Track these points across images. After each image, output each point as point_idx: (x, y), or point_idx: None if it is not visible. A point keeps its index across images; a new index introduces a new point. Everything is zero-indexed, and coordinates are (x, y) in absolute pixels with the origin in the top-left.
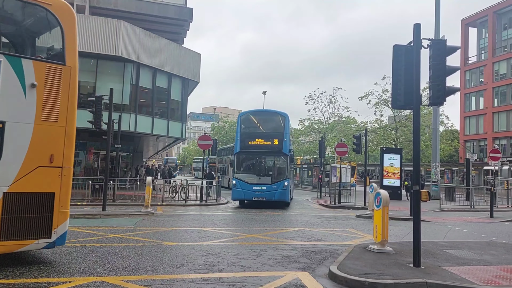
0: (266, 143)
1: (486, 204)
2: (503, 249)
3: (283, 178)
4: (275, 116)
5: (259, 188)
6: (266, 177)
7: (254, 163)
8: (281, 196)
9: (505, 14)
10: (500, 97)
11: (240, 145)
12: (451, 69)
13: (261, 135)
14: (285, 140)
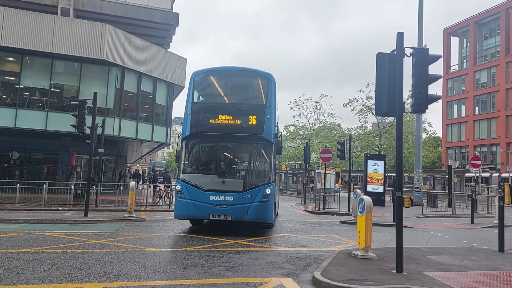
0: (236, 122)
1: (467, 211)
2: (483, 254)
3: (263, 182)
4: (253, 78)
5: (221, 198)
6: (234, 180)
7: (215, 157)
8: (259, 212)
9: (486, 24)
10: (481, 105)
11: (192, 124)
12: (433, 77)
13: (227, 109)
14: (267, 119)
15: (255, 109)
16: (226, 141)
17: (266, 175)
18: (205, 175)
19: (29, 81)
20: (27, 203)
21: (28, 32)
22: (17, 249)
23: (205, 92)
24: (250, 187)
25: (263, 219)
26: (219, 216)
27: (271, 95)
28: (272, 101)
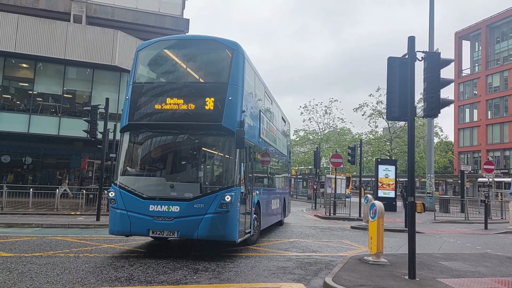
0: (189, 107)
1: (481, 216)
2: (497, 261)
3: (222, 187)
4: (214, 49)
5: (163, 209)
6: (183, 184)
7: (160, 154)
8: (215, 227)
9: (498, 28)
10: (493, 109)
11: (131, 112)
12: (445, 82)
13: (178, 90)
14: (229, 102)
15: (214, 89)
16: (176, 133)
17: (228, 176)
18: (146, 178)
19: (42, 87)
20: (39, 207)
21: (41, 39)
22: (30, 253)
23: (152, 70)
24: (204, 193)
25: (221, 236)
26: (161, 232)
27: (236, 70)
28: (238, 78)
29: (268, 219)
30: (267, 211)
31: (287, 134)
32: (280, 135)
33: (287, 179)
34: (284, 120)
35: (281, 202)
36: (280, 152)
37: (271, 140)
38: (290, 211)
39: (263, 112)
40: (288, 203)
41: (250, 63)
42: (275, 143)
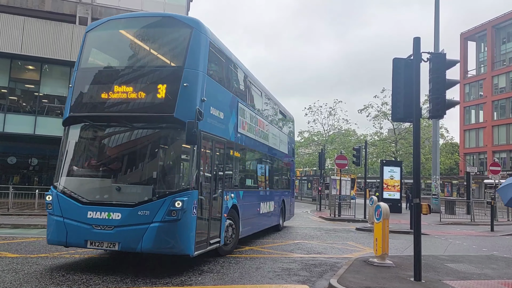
0: (139, 96)
1: (487, 218)
2: (504, 263)
3: (172, 190)
4: (169, 28)
5: (103, 216)
6: (129, 186)
7: (104, 151)
8: (162, 239)
9: (504, 29)
10: (499, 110)
11: (74, 102)
12: (450, 83)
13: (127, 76)
14: (184, 88)
15: (167, 74)
16: (123, 127)
17: (180, 178)
18: (88, 179)
19: (48, 89)
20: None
21: (47, 41)
22: (36, 254)
23: (101, 53)
24: (150, 197)
25: (170, 249)
26: (100, 244)
27: (195, 52)
28: (197, 61)
29: (253, 225)
30: (252, 215)
31: (290, 131)
32: (277, 131)
33: (287, 180)
34: (283, 115)
35: (277, 204)
36: (275, 150)
37: (259, 136)
38: (293, 214)
39: (244, 104)
40: (290, 206)
41: (220, 45)
42: (266, 140)
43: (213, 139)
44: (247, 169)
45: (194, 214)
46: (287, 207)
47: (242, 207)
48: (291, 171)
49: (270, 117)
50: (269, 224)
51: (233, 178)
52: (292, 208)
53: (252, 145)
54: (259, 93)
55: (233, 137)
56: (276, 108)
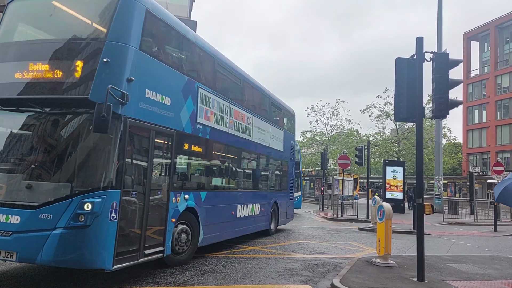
0: (55, 75)
1: (490, 218)
2: (508, 263)
3: (83, 189)
4: None
5: (1, 219)
6: (34, 184)
7: (13, 141)
8: (66, 249)
9: (507, 28)
10: (503, 110)
11: None
12: (453, 82)
13: (44, 52)
14: (104, 64)
15: (86, 48)
16: (35, 112)
17: (94, 174)
18: None
19: None
20: None
21: None
22: None
23: (24, 26)
24: (55, 198)
25: (77, 263)
26: None
27: (121, 22)
28: (124, 33)
29: (225, 230)
30: (223, 220)
31: (289, 127)
32: (266, 125)
33: (283, 180)
34: (278, 108)
35: (266, 207)
36: (264, 146)
37: (235, 129)
38: (292, 217)
39: (208, 90)
40: (288, 208)
41: (166, 16)
42: (247, 134)
43: (151, 128)
44: (215, 167)
45: (113, 219)
46: (282, 210)
47: (204, 210)
48: (289, 171)
49: (257, 109)
50: (253, 229)
51: (190, 176)
52: (290, 210)
53: (224, 140)
54: (237, 80)
55: (188, 128)
56: (266, 99)
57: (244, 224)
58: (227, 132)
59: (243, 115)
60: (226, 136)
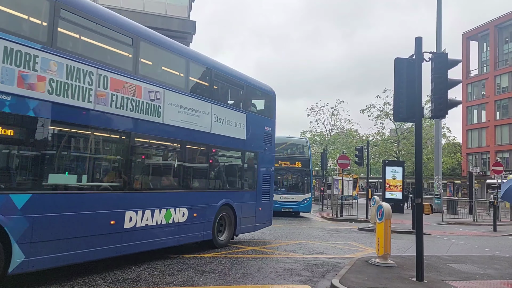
0: None
1: (489, 218)
2: (507, 263)
3: None
4: None
5: None
6: None
7: None
8: None
9: (506, 28)
10: (502, 110)
11: None
12: (453, 82)
13: None
14: None
15: None
16: None
17: None
18: None
19: None
20: None
21: None
22: None
23: None
24: None
25: None
26: None
27: None
28: None
29: (85, 247)
30: (81, 232)
31: (260, 109)
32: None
33: (244, 176)
34: (238, 87)
35: (203, 212)
36: (193, 131)
37: (115, 105)
38: (267, 222)
39: (38, 46)
40: (255, 211)
41: None
42: (151, 114)
43: None
44: (57, 158)
45: None
46: (244, 214)
47: (24, 222)
48: (259, 165)
49: (177, 81)
50: (174, 241)
51: None
52: (261, 214)
53: (83, 120)
54: (118, 33)
55: None
56: (201, 69)
57: (147, 236)
58: (92, 110)
59: (136, 87)
60: (88, 115)
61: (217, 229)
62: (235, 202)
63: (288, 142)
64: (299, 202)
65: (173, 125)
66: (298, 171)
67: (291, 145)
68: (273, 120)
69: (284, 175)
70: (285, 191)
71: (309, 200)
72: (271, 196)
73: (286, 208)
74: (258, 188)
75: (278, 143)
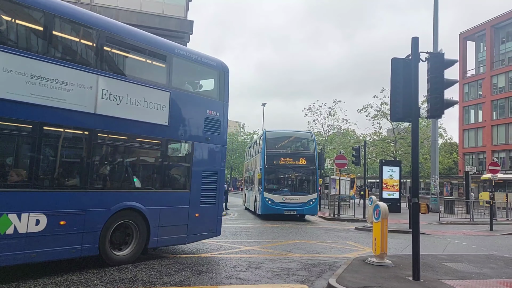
0: None
1: (486, 217)
2: (503, 262)
3: None
4: None
5: None
6: None
7: None
8: None
9: (503, 28)
10: (498, 110)
11: None
12: (449, 82)
13: None
14: None
15: None
16: None
17: None
18: None
19: None
20: None
21: None
22: None
23: None
24: None
25: None
26: None
27: None
28: None
29: None
30: None
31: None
32: (77, 75)
33: (167, 173)
34: (161, 58)
35: (74, 218)
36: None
37: None
38: (211, 231)
39: None
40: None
41: None
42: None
43: None
44: None
45: None
46: (164, 223)
47: None
48: (194, 160)
49: (33, 41)
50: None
51: None
52: (201, 222)
53: None
54: None
55: None
56: (96, 34)
57: None
58: None
59: None
60: None
61: (120, 241)
62: (147, 206)
63: (291, 136)
64: (304, 204)
65: (16, 100)
66: (303, 168)
67: (295, 140)
68: (223, 103)
69: (287, 174)
70: (288, 191)
71: (315, 201)
72: (218, 200)
73: (289, 210)
74: (194, 189)
75: (279, 137)
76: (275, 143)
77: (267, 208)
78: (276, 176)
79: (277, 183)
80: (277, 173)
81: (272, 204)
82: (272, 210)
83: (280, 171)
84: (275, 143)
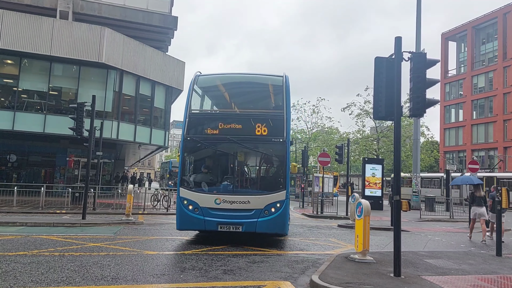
0: None
1: (465, 215)
2: (481, 258)
3: None
4: None
5: None
6: None
7: None
8: None
9: (483, 29)
10: (478, 109)
11: None
12: (431, 82)
13: None
14: None
15: None
16: None
17: None
18: None
19: (27, 84)
20: (24, 206)
21: (27, 35)
22: (14, 252)
23: None
24: None
25: None
26: None
27: None
28: None
29: None
30: None
31: None
32: None
33: None
34: None
35: None
36: None
37: None
38: None
39: None
40: None
41: None
42: None
43: None
44: None
45: None
46: None
47: None
48: None
49: None
50: None
51: None
52: None
53: None
54: None
55: None
56: None
57: None
58: None
59: None
60: None
61: None
62: None
63: (242, 83)
64: (258, 212)
65: None
66: (261, 143)
67: (249, 90)
68: None
69: (228, 154)
70: (228, 187)
71: (283, 206)
72: None
73: (228, 224)
74: None
75: (221, 84)
76: (213, 96)
77: (185, 220)
78: (206, 157)
79: (209, 171)
80: (208, 152)
81: (195, 212)
82: (194, 223)
83: (214, 147)
84: (213, 96)
